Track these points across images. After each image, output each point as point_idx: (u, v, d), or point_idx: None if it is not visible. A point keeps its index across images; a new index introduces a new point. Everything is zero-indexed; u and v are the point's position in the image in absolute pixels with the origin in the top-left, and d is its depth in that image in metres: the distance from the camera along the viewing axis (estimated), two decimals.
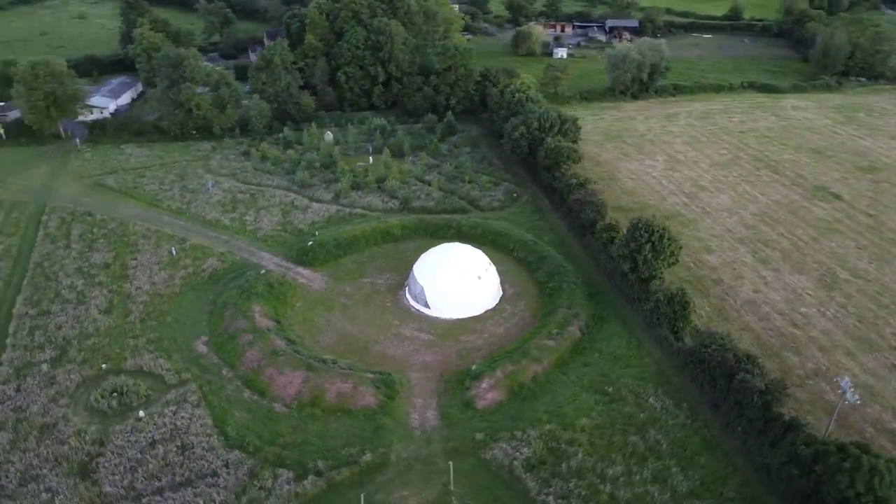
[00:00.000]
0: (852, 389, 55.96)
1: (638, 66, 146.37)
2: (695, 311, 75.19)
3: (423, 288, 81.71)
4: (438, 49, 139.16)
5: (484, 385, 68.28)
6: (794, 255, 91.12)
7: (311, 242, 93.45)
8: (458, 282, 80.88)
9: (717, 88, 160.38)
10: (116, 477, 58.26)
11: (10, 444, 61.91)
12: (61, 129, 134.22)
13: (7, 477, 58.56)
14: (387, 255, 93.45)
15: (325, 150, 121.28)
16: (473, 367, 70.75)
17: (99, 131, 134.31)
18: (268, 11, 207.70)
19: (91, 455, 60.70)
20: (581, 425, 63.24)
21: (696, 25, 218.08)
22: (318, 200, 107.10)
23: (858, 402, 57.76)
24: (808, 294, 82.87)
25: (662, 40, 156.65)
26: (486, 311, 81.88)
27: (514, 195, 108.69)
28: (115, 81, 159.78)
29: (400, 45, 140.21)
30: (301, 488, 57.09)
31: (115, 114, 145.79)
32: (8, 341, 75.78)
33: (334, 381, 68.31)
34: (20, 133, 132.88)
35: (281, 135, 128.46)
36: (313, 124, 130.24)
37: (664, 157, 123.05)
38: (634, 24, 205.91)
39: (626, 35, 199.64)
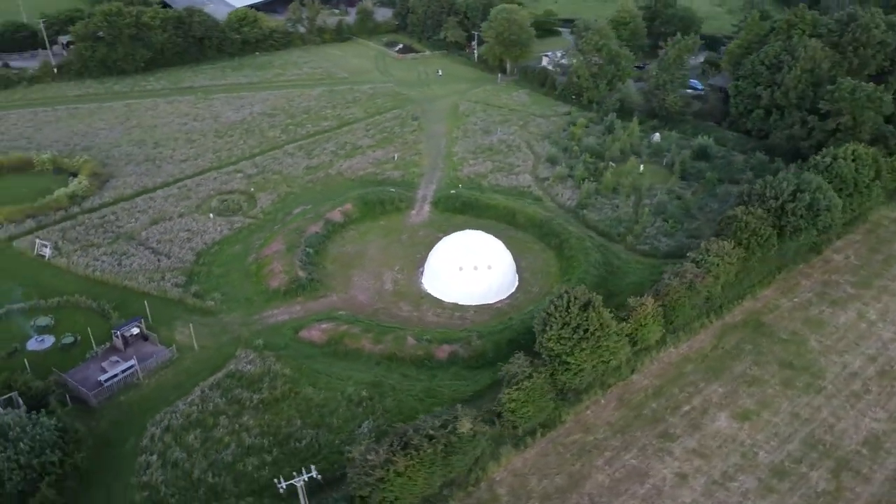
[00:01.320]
0: None
1: None
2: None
3: (427, 257, 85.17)
4: (832, 88, 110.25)
5: (324, 326, 74.05)
6: None
7: (453, 191, 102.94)
8: (443, 263, 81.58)
9: None
10: (144, 233, 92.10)
11: (163, 200, 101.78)
12: (508, 66, 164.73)
13: (137, 217, 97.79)
14: (488, 229, 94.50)
15: (610, 145, 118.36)
16: (341, 313, 76.14)
17: (522, 76, 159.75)
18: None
19: (163, 220, 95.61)
20: (303, 393, 64.97)
21: None
22: (532, 174, 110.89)
23: None
24: None
25: None
26: (452, 303, 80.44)
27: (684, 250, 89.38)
28: None
29: (798, 72, 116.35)
30: (161, 292, 79.94)
31: (555, 67, 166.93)
32: (258, 160, 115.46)
33: (279, 264, 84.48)
34: (485, 61, 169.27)
35: (606, 118, 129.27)
36: (636, 119, 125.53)
37: None
38: None
39: None
